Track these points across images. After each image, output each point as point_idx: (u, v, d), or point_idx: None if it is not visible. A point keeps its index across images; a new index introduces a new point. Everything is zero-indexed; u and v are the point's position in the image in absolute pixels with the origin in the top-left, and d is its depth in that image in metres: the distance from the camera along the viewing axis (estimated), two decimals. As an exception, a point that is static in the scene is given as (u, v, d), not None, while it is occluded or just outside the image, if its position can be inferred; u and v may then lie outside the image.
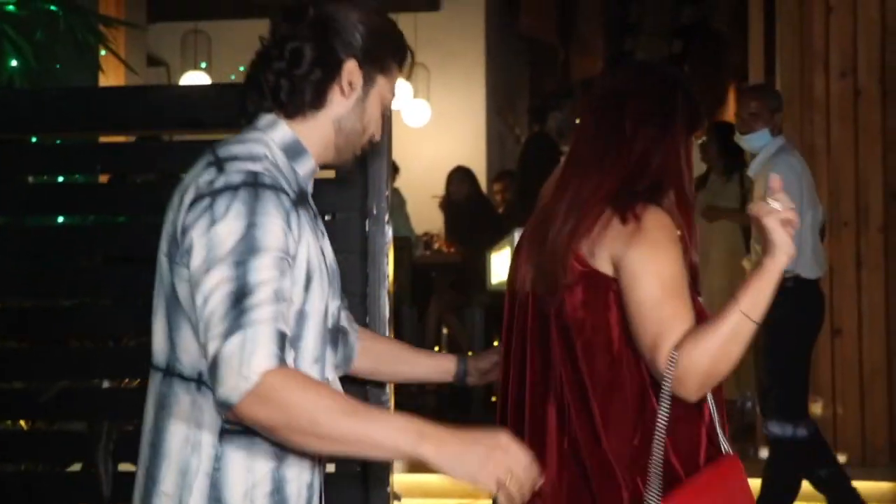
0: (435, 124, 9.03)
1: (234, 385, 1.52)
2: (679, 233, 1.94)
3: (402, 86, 8.74)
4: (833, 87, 4.81)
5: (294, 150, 1.77)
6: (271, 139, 1.75)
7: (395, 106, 7.35)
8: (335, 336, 1.85)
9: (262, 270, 1.58)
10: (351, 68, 1.77)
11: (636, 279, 1.88)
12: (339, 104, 1.79)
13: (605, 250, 1.91)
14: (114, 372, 2.94)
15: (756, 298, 1.84)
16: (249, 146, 1.72)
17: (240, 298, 1.56)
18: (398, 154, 8.36)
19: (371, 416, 1.59)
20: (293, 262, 1.66)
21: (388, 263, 2.59)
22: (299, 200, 1.71)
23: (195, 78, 8.60)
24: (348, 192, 2.63)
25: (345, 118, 1.80)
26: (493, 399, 6.62)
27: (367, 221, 2.61)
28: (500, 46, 10.09)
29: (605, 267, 1.92)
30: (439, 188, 7.98)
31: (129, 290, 2.88)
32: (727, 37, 8.28)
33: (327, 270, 1.77)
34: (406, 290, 6.31)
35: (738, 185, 5.98)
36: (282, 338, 1.57)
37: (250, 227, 1.60)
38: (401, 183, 7.83)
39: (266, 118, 1.77)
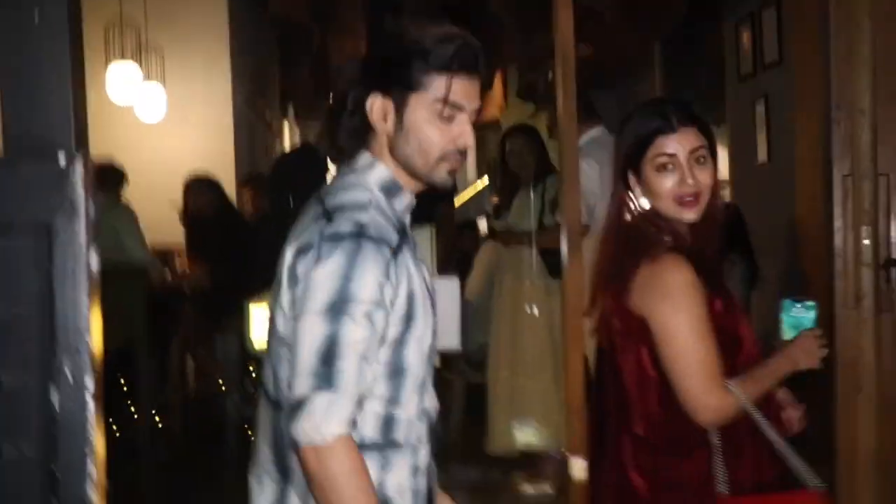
0: (172, 117, 7.68)
1: (308, 431, 1.74)
2: None
3: (132, 72, 7.34)
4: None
5: (391, 189, 1.90)
6: (371, 181, 1.89)
7: (124, 101, 5.67)
8: (433, 354, 1.99)
9: (353, 330, 1.75)
10: (371, 103, 1.87)
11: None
12: (384, 137, 1.90)
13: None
14: None
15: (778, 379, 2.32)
16: (354, 194, 1.86)
17: (330, 358, 1.74)
18: (129, 154, 7.00)
19: None
20: (391, 307, 1.81)
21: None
22: (400, 236, 1.86)
23: None
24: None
25: (398, 147, 1.89)
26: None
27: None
28: (247, 25, 8.81)
29: None
30: (181, 191, 6.62)
31: None
32: (503, 21, 7.41)
33: (430, 296, 1.94)
34: (141, 331, 5.00)
35: (539, 199, 5.02)
36: (359, 402, 1.79)
37: (347, 279, 1.75)
38: (134, 190, 6.44)
39: (364, 158, 1.92)
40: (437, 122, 1.85)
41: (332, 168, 5.48)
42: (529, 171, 5.12)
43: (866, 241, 3.20)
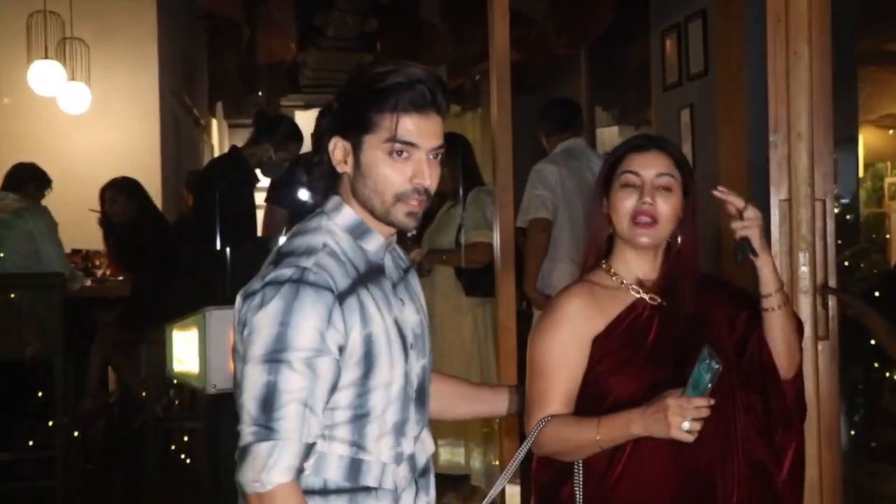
0: (96, 110, 7.30)
1: (252, 480, 1.70)
2: None
3: (55, 68, 6.95)
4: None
5: (358, 231, 1.84)
6: (336, 224, 1.83)
7: (48, 92, 5.29)
8: (422, 396, 1.93)
9: (291, 378, 1.69)
10: (333, 146, 1.82)
11: None
12: (347, 179, 1.84)
13: None
14: None
15: (612, 437, 2.02)
16: (309, 238, 1.80)
17: (270, 406, 1.68)
18: (52, 149, 6.60)
19: None
20: (342, 352, 1.75)
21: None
22: (367, 278, 1.80)
23: None
24: None
25: (357, 189, 1.83)
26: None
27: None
28: (176, 20, 8.45)
29: None
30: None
31: None
32: (432, 24, 7.19)
33: (402, 339, 1.85)
34: (58, 338, 4.65)
35: (460, 215, 4.65)
36: (307, 449, 1.73)
37: (284, 325, 1.69)
38: (57, 185, 6.00)
39: (333, 200, 1.86)
40: (390, 162, 1.79)
41: (259, 176, 5.19)
42: (446, 184, 4.43)
43: (804, 268, 3.06)
